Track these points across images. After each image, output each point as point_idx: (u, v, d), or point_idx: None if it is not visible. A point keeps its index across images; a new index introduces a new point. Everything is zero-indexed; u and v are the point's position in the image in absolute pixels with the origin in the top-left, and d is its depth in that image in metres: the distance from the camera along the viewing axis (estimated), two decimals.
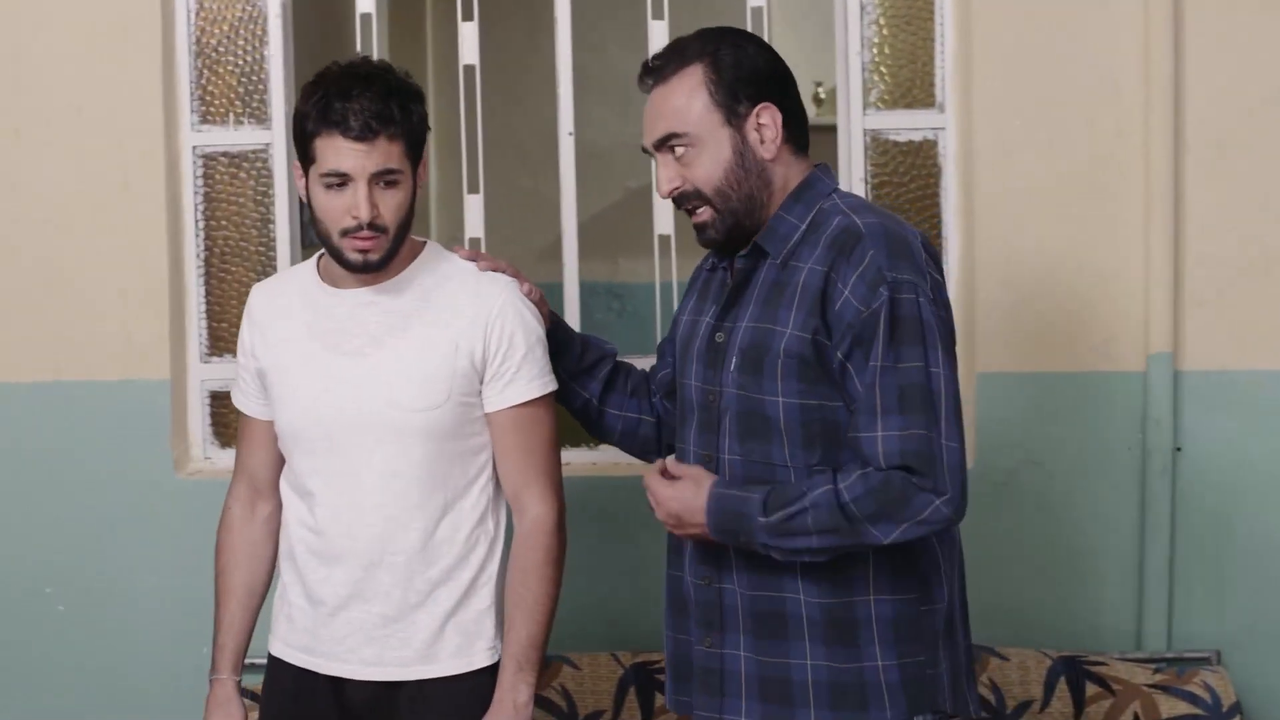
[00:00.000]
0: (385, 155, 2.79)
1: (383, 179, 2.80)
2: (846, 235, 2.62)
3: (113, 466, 4.12)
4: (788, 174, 2.73)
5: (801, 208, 2.71)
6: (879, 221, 2.64)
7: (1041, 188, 3.93)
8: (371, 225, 2.80)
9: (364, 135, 2.77)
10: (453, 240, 4.09)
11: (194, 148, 4.19)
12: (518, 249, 4.61)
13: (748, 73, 2.68)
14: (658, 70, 2.72)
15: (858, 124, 4.10)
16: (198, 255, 4.20)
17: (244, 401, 3.09)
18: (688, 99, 2.68)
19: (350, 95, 2.77)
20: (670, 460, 2.75)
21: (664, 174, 2.72)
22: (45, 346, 4.12)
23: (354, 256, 2.84)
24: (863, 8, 4.08)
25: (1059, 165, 3.92)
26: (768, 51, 2.75)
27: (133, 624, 4.12)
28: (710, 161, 2.69)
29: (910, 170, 4.11)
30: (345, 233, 2.82)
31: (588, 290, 4.29)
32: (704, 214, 2.72)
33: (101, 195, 4.09)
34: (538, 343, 2.95)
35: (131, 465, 4.11)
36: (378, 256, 2.84)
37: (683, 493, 2.67)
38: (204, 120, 4.19)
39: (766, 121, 2.69)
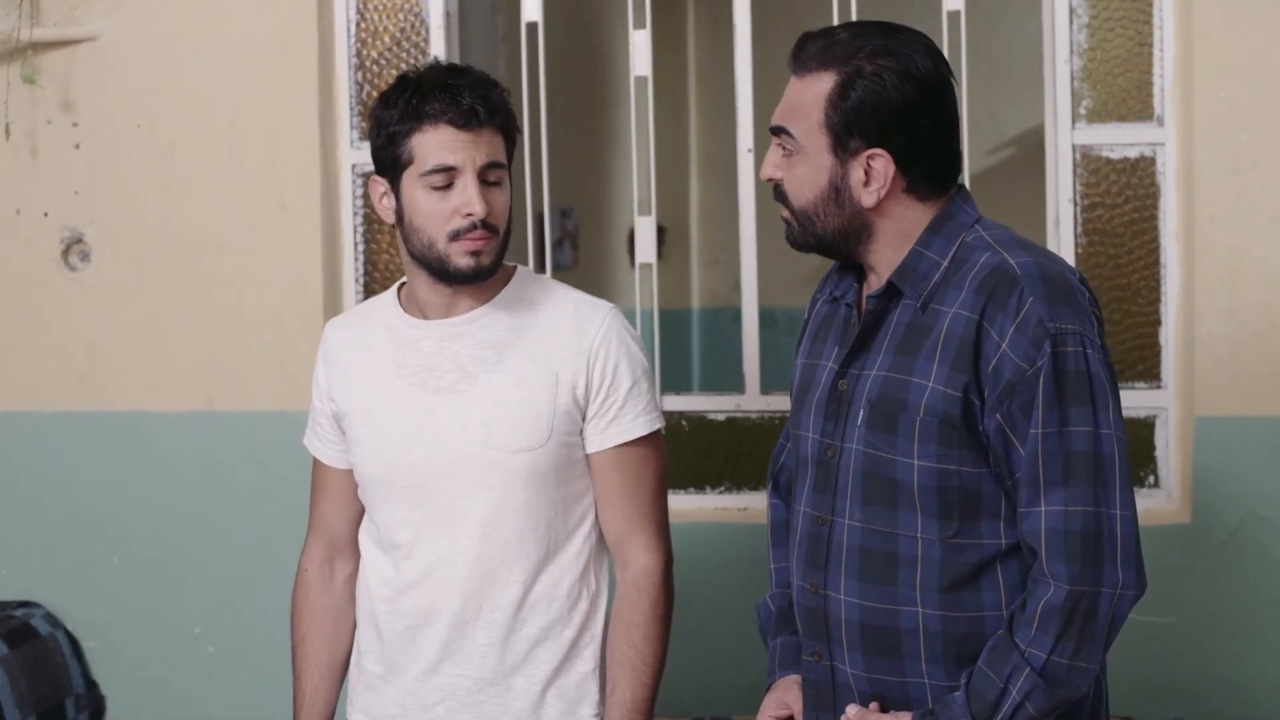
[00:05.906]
0: (492, 147, 2.59)
1: (489, 174, 2.60)
2: (999, 278, 2.33)
3: (264, 502, 3.99)
4: (906, 218, 2.43)
5: (942, 242, 2.42)
6: (1034, 261, 2.34)
7: (1271, 210, 3.68)
8: (484, 224, 2.58)
9: (470, 123, 2.56)
10: None
11: (353, 165, 4.04)
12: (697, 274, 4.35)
13: (872, 109, 2.37)
14: (803, 58, 2.44)
15: (1066, 138, 3.84)
16: (356, 279, 4.04)
17: (320, 448, 2.86)
18: (808, 105, 2.41)
19: (449, 86, 2.58)
20: None
21: (770, 159, 2.48)
22: (197, 374, 4.01)
23: (465, 261, 2.60)
24: (1072, 10, 3.79)
25: None
26: (915, 84, 2.39)
27: (282, 666, 3.93)
28: (804, 178, 2.43)
29: (1125, 190, 3.85)
30: (456, 235, 2.59)
31: (768, 317, 4.03)
32: (787, 215, 2.49)
33: (257, 215, 3.98)
34: (644, 375, 2.71)
35: (284, 501, 3.93)
36: (489, 260, 2.61)
37: None
38: (364, 136, 4.01)
39: (876, 169, 2.39)
